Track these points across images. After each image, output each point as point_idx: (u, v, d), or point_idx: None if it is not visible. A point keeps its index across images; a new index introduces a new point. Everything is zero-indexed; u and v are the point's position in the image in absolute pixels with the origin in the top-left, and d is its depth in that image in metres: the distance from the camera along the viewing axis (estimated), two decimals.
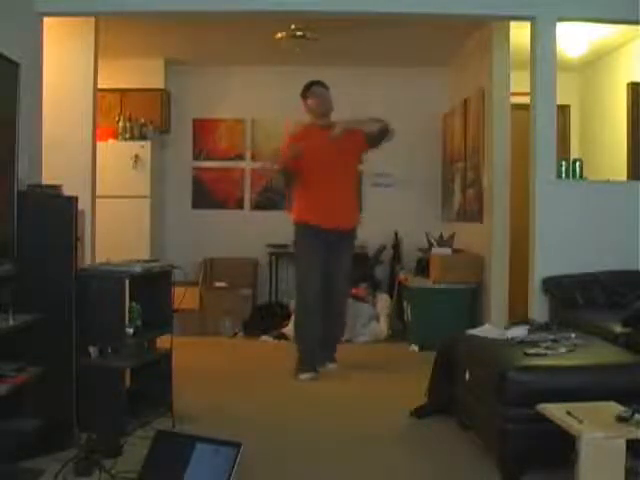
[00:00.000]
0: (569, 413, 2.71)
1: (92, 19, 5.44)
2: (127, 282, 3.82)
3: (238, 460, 2.63)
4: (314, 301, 5.18)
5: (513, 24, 5.60)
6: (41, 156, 4.66)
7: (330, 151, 5.25)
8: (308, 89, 5.51)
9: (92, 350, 3.74)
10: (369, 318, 6.73)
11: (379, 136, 5.30)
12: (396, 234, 7.45)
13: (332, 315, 5.36)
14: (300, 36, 6.22)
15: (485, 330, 4.02)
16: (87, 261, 5.20)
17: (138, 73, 7.33)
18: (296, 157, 5.18)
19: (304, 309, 5.26)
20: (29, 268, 3.42)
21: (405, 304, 6.68)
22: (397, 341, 6.36)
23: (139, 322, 3.93)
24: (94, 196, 5.58)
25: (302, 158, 5.19)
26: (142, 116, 7.22)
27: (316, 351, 5.24)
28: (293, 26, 6.12)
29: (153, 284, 4.06)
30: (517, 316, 5.09)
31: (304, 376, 5.07)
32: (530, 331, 3.76)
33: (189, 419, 3.86)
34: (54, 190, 3.71)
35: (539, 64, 4.89)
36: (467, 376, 3.57)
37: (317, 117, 5.49)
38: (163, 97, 7.48)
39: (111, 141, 7.06)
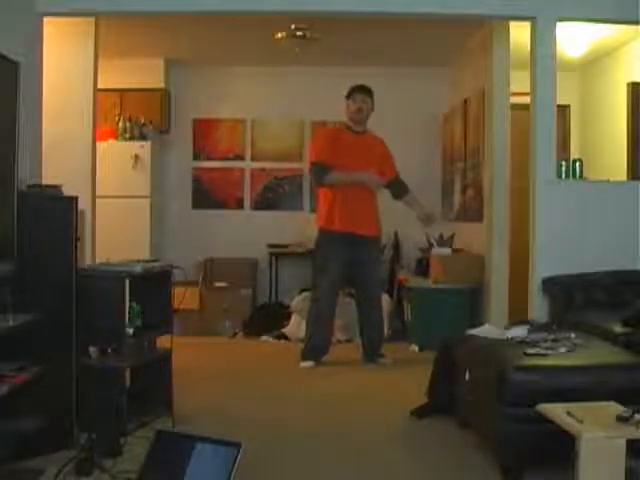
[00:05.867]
0: (569, 413, 2.71)
1: (92, 19, 5.44)
2: (127, 282, 3.82)
3: (238, 460, 2.63)
4: (327, 307, 5.52)
5: (513, 24, 5.60)
6: (41, 156, 4.65)
7: (359, 158, 5.48)
8: (351, 91, 5.56)
9: (92, 350, 3.74)
10: None
11: (396, 193, 5.79)
12: (396, 234, 7.44)
13: (370, 322, 5.61)
14: (300, 36, 6.22)
15: (485, 330, 4.02)
16: (87, 261, 5.20)
17: (138, 73, 7.33)
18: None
19: (315, 313, 5.56)
20: (29, 268, 3.42)
21: (405, 304, 6.68)
22: (397, 341, 6.35)
23: (139, 322, 3.92)
24: (94, 196, 5.57)
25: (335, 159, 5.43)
26: (142, 116, 7.22)
27: (319, 348, 5.51)
28: (293, 26, 6.12)
29: (153, 284, 4.06)
30: (517, 316, 5.09)
31: (304, 364, 5.45)
32: (530, 331, 3.76)
33: (189, 419, 3.86)
34: (54, 190, 3.71)
35: (539, 64, 4.88)
36: (467, 376, 3.57)
37: (351, 121, 5.55)
38: (163, 97, 7.47)
39: (111, 141, 7.06)
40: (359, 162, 5.46)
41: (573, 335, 3.63)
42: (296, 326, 6.57)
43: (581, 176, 5.24)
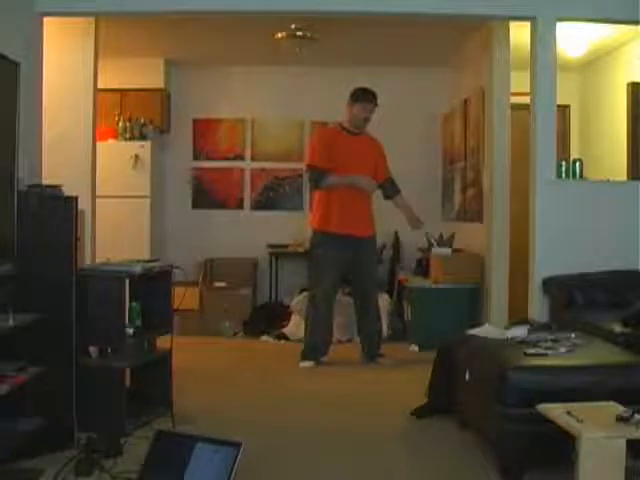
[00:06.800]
0: (569, 413, 2.71)
1: (92, 19, 5.45)
2: (127, 282, 3.82)
3: (238, 460, 2.63)
4: (325, 307, 5.53)
5: (513, 24, 5.60)
6: (41, 156, 4.66)
7: (355, 159, 5.47)
8: (360, 96, 5.51)
9: (92, 350, 3.74)
10: None
11: (388, 193, 5.74)
12: (396, 234, 7.45)
13: (367, 321, 5.63)
14: (300, 36, 6.22)
15: (485, 330, 4.02)
16: (87, 261, 5.21)
17: (138, 73, 7.33)
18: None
19: (314, 314, 5.56)
20: (29, 268, 3.42)
21: (405, 304, 6.67)
22: (397, 341, 6.35)
23: (139, 322, 3.93)
24: (94, 196, 5.58)
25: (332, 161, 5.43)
26: (142, 116, 7.22)
27: (319, 348, 5.54)
28: (293, 26, 6.12)
29: (153, 284, 4.06)
30: (517, 316, 5.09)
31: (304, 364, 5.47)
32: (530, 331, 3.76)
33: (189, 419, 3.86)
34: (54, 190, 3.71)
35: (539, 64, 4.89)
36: (467, 376, 3.57)
37: (351, 125, 5.54)
38: (163, 97, 7.48)
39: (111, 141, 7.07)
40: (355, 163, 5.45)
41: (573, 335, 3.63)
42: (296, 326, 6.57)
43: (581, 176, 5.24)
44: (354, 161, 5.44)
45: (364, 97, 5.49)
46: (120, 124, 7.12)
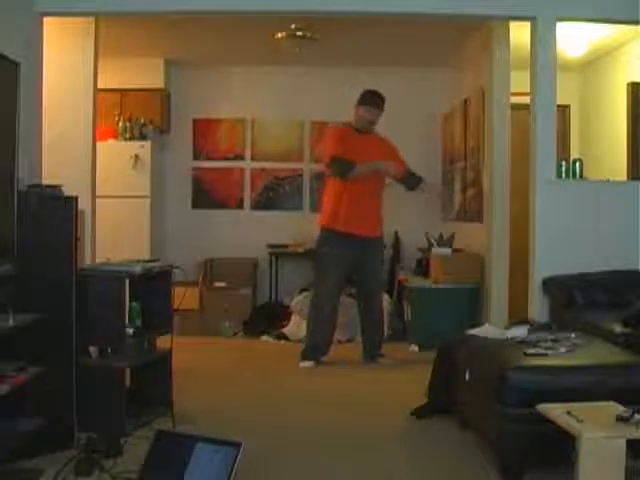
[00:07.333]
0: (569, 413, 2.71)
1: (92, 19, 5.45)
2: (127, 282, 3.83)
3: (238, 460, 2.63)
4: (328, 307, 5.52)
5: (513, 24, 5.60)
6: (41, 156, 4.66)
7: (366, 156, 5.44)
8: (367, 98, 5.51)
9: (92, 350, 3.75)
10: None
11: (410, 185, 5.69)
12: (396, 234, 7.45)
13: (370, 319, 5.64)
14: (300, 36, 6.22)
15: (485, 330, 4.02)
16: (87, 261, 5.21)
17: (138, 73, 7.33)
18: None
19: (316, 313, 5.55)
20: (29, 268, 3.42)
21: (405, 304, 6.68)
22: (397, 341, 6.35)
23: (139, 322, 3.93)
24: (94, 196, 5.58)
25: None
26: (142, 116, 7.22)
27: (319, 348, 5.54)
28: (293, 26, 6.12)
29: (153, 284, 4.06)
30: (517, 316, 5.09)
31: (303, 364, 5.47)
32: (530, 331, 3.76)
33: (189, 419, 3.86)
34: (54, 190, 3.71)
35: (539, 64, 4.89)
36: (467, 376, 3.57)
37: (358, 124, 5.55)
38: (163, 97, 7.47)
39: (111, 141, 7.07)
40: (366, 160, 5.43)
41: (573, 335, 3.63)
42: (296, 326, 6.57)
43: (581, 176, 5.24)
44: (365, 158, 5.41)
45: (370, 100, 5.49)
46: (120, 124, 7.12)
